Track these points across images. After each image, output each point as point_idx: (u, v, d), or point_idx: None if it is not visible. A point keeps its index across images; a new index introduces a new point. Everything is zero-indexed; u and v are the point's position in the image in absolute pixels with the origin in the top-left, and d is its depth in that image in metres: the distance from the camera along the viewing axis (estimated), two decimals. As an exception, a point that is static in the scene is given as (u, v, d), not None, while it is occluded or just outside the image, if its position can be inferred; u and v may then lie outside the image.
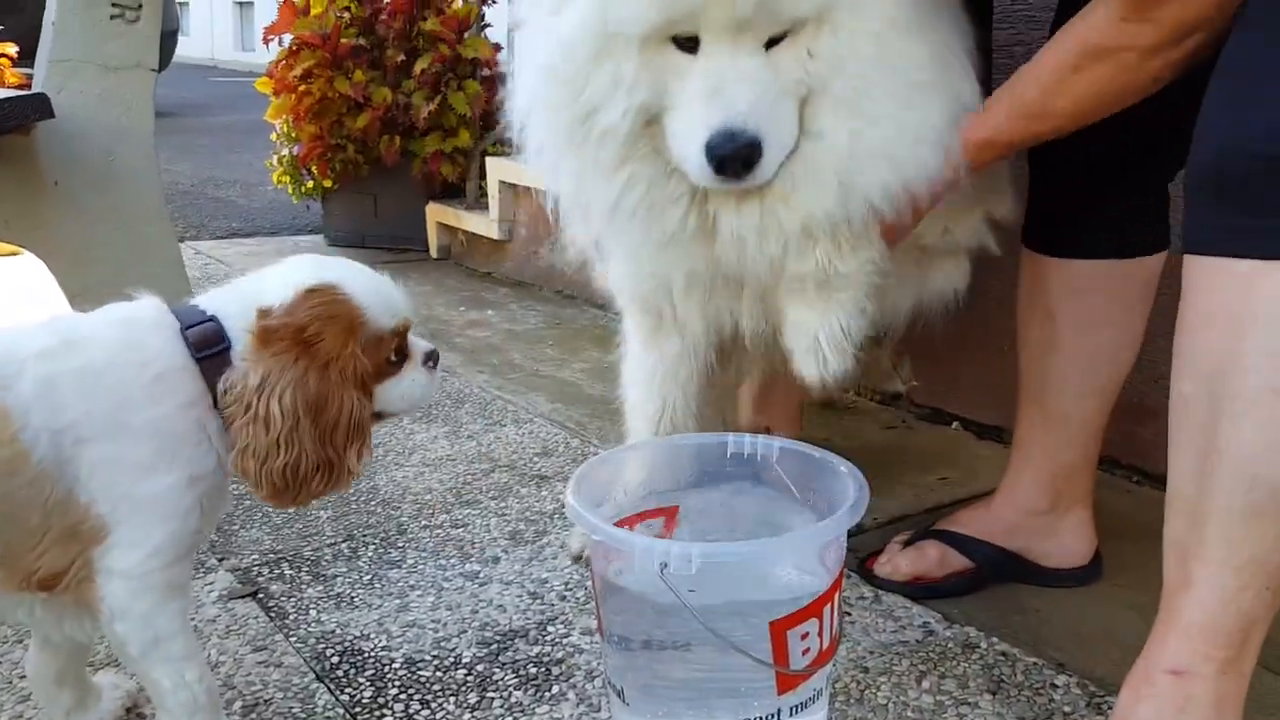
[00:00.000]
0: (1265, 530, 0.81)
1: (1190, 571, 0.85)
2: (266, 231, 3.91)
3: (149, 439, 0.85)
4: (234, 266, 3.20)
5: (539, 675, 1.11)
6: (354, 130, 3.15)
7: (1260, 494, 0.80)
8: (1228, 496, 0.82)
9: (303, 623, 1.21)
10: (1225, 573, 0.83)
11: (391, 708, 1.05)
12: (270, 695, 1.07)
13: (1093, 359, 1.24)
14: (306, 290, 0.88)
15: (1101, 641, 1.19)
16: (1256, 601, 0.83)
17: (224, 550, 1.37)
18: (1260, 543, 0.81)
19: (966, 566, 1.29)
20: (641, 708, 0.91)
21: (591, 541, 0.94)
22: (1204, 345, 0.84)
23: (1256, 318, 0.79)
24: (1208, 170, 0.83)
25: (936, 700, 1.08)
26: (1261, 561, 0.82)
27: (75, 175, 1.60)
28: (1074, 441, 1.27)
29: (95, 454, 0.83)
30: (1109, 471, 1.66)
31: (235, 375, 0.86)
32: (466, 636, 1.18)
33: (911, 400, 1.98)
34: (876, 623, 1.22)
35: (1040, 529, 1.30)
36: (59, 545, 0.84)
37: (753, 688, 0.87)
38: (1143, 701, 0.88)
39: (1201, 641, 0.85)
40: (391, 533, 1.43)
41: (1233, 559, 0.83)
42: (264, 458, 0.85)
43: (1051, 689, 1.10)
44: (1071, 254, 1.22)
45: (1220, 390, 0.82)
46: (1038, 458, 1.29)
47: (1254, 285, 0.79)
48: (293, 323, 0.86)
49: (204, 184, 4.99)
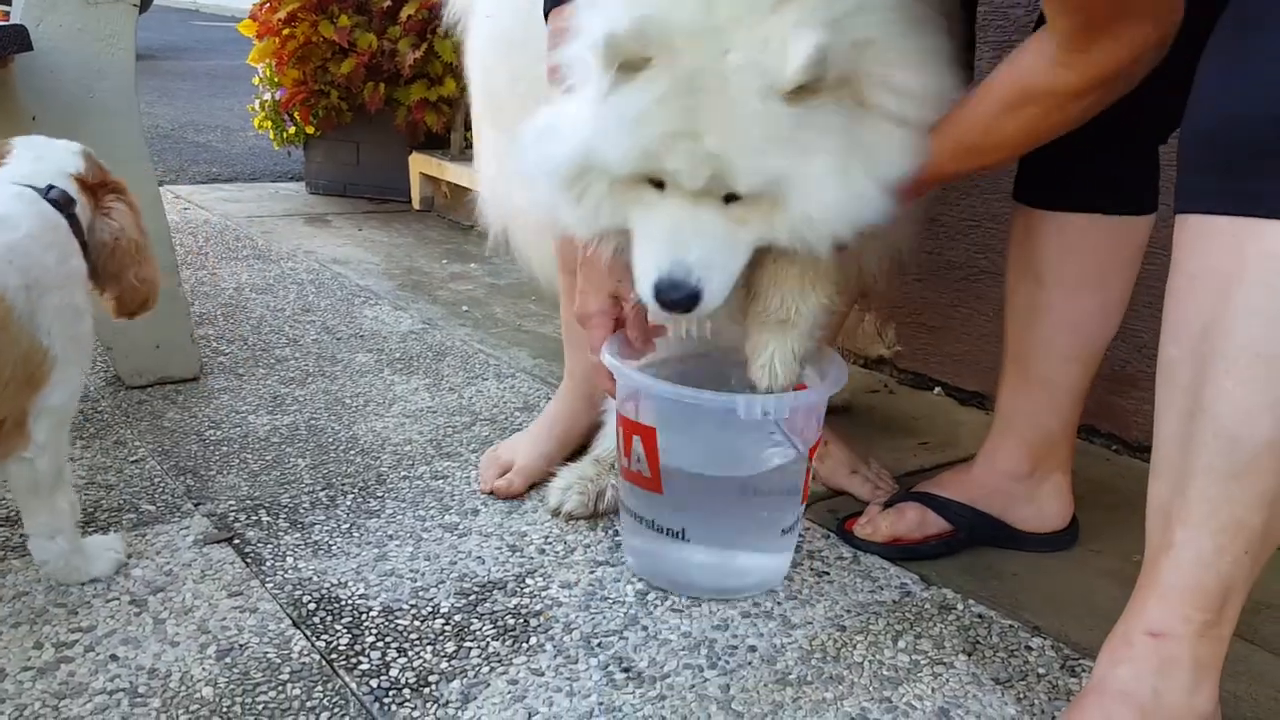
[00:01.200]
0: (1245, 492, 0.82)
1: (1172, 534, 0.86)
2: (246, 177, 3.85)
3: (79, 285, 1.10)
4: (213, 211, 3.16)
5: (517, 627, 1.11)
6: (338, 76, 3.10)
7: (1241, 455, 0.81)
8: (1209, 457, 0.83)
9: (279, 569, 1.20)
10: (1205, 535, 0.84)
11: (368, 655, 1.05)
12: (246, 640, 1.06)
13: (1078, 324, 1.24)
14: (84, 153, 1.15)
15: (1077, 606, 1.20)
16: (1235, 566, 0.84)
17: (200, 495, 1.36)
18: (1240, 504, 0.82)
19: (945, 529, 1.30)
20: (705, 537, 1.17)
21: (676, 408, 1.13)
22: (1191, 307, 0.84)
23: (1243, 278, 0.79)
24: (1202, 132, 0.83)
25: (912, 659, 1.09)
26: (1241, 524, 0.82)
27: (54, 110, 1.56)
28: (1056, 408, 1.28)
29: (52, 302, 1.03)
30: (1088, 440, 1.67)
31: (100, 223, 1.13)
32: (445, 587, 1.18)
33: (895, 365, 1.98)
34: (854, 583, 1.23)
35: (1019, 494, 1.31)
36: (14, 392, 1.01)
37: (790, 498, 1.19)
38: (1120, 663, 0.88)
39: (1180, 604, 0.86)
40: (370, 482, 1.43)
41: (1213, 521, 0.83)
42: (145, 279, 1.16)
43: (1026, 651, 1.11)
44: (1063, 206, 1.21)
45: (1205, 351, 0.82)
46: (1019, 424, 1.30)
47: (1242, 246, 0.79)
48: (108, 179, 1.16)
49: (184, 128, 4.91)
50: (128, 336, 1.69)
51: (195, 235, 2.84)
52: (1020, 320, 1.28)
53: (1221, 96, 0.81)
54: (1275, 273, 0.78)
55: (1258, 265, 0.78)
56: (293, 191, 3.58)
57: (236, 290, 2.33)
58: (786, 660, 1.07)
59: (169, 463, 1.45)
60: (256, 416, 1.63)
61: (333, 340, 2.02)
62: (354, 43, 3.05)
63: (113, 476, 1.40)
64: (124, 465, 1.44)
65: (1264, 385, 0.79)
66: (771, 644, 1.10)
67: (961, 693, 1.04)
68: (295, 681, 1.00)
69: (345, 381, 1.80)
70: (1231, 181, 0.80)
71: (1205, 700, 0.86)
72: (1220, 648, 0.87)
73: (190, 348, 1.76)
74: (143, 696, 0.97)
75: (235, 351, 1.92)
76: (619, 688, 1.02)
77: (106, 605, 1.11)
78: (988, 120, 1.02)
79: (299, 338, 2.02)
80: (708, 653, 1.08)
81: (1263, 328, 0.79)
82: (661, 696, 1.01)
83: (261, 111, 3.38)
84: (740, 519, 1.19)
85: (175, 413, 1.62)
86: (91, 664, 1.01)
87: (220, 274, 2.47)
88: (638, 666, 1.05)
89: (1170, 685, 0.86)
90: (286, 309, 2.21)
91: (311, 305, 2.25)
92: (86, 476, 1.39)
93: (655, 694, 1.01)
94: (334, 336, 2.04)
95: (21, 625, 1.07)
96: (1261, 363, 0.79)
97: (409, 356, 1.95)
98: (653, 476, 1.15)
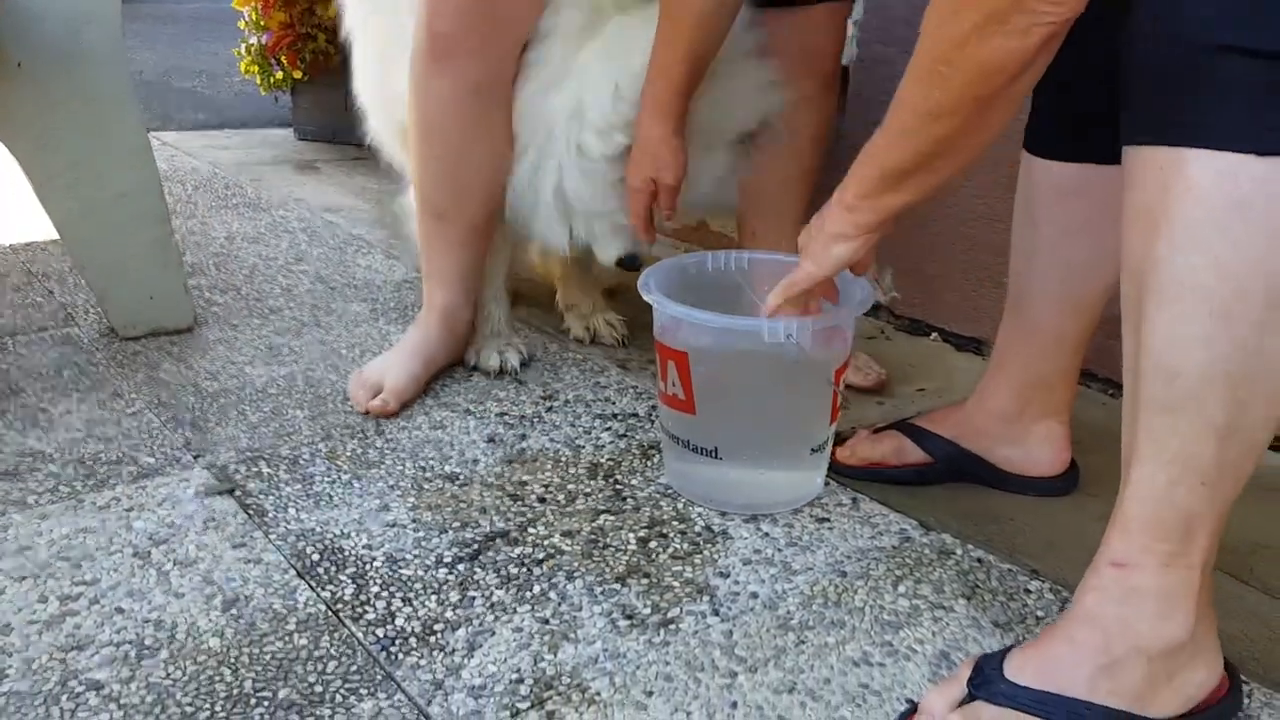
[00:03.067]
0: (1188, 424, 0.82)
1: (1129, 469, 0.87)
2: (234, 124, 3.80)
3: None
4: (201, 159, 3.12)
5: (521, 575, 1.12)
6: (325, 19, 3.04)
7: (1179, 388, 0.82)
8: (1150, 390, 0.84)
9: (282, 520, 1.20)
10: (1156, 468, 0.85)
11: (374, 605, 1.06)
12: (251, 591, 1.07)
13: (1069, 269, 1.24)
14: None
15: (1073, 549, 1.21)
16: (1192, 496, 0.84)
17: (199, 447, 1.36)
18: (1185, 436, 0.83)
19: (923, 460, 1.34)
20: (737, 455, 1.24)
21: (711, 333, 1.21)
22: (1130, 244, 0.85)
23: (1167, 213, 0.80)
24: (1133, 63, 0.83)
25: (912, 604, 1.10)
26: (1190, 455, 0.83)
27: (40, 57, 1.53)
28: (1048, 353, 1.28)
29: None
30: (1084, 384, 1.67)
31: None
32: (447, 537, 1.18)
33: (892, 311, 1.98)
34: (854, 529, 1.24)
35: (1007, 435, 1.32)
36: None
37: (818, 418, 1.26)
38: (1088, 592, 0.90)
39: (1140, 535, 0.87)
40: (370, 433, 1.42)
41: (1162, 454, 0.84)
42: None
43: (1025, 594, 1.13)
44: (1053, 155, 1.21)
45: (1142, 287, 0.83)
46: (1011, 366, 1.31)
47: (1167, 179, 0.80)
48: None
49: (168, 74, 4.84)
50: (121, 287, 1.68)
51: (184, 184, 2.81)
52: (1018, 263, 1.29)
53: (1148, 25, 0.81)
54: (1195, 204, 0.78)
55: (1180, 200, 0.79)
56: (281, 138, 3.54)
57: (228, 239, 2.31)
58: (788, 606, 1.08)
59: (166, 414, 1.45)
60: (253, 367, 1.62)
61: (327, 290, 2.01)
62: (341, -15, 2.99)
63: (110, 429, 1.40)
64: (121, 417, 1.43)
65: (1195, 319, 0.80)
66: (773, 590, 1.11)
67: (961, 636, 1.05)
68: (302, 632, 1.01)
69: (341, 331, 1.79)
70: (1160, 111, 0.81)
71: (1177, 628, 0.87)
72: (1191, 576, 0.87)
73: (184, 298, 1.74)
74: (150, 648, 0.98)
75: (229, 302, 1.91)
76: (623, 634, 1.03)
77: (110, 558, 1.11)
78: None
79: (292, 287, 2.01)
80: (710, 599, 1.09)
81: (1187, 262, 0.79)
82: (665, 642, 1.02)
83: (248, 56, 3.33)
84: (770, 438, 1.25)
85: (171, 364, 1.62)
86: (97, 616, 1.02)
87: (211, 223, 2.45)
88: (641, 613, 1.06)
89: (1136, 613, 0.87)
90: (279, 258, 2.19)
91: (304, 254, 2.23)
92: (84, 429, 1.39)
93: (660, 640, 1.02)
94: (328, 286, 2.03)
95: (25, 579, 1.07)
96: (1190, 296, 0.80)
97: (404, 306, 1.94)
98: (686, 399, 1.22)
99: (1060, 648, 0.89)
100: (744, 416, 1.24)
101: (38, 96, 1.56)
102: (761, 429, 1.25)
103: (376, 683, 0.95)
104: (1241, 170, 0.77)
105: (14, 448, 1.33)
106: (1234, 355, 0.79)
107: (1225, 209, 0.77)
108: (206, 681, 0.94)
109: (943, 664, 1.01)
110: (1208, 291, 0.79)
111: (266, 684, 0.94)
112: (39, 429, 1.39)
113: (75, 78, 1.58)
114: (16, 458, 1.31)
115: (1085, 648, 0.88)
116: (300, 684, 0.94)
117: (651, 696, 0.95)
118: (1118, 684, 0.87)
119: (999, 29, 0.85)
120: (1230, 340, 0.79)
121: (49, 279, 1.99)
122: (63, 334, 1.72)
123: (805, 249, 1.12)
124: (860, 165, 1.04)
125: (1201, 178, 0.78)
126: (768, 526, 1.23)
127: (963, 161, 0.99)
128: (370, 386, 1.49)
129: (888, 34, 1.89)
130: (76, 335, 1.71)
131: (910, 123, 0.97)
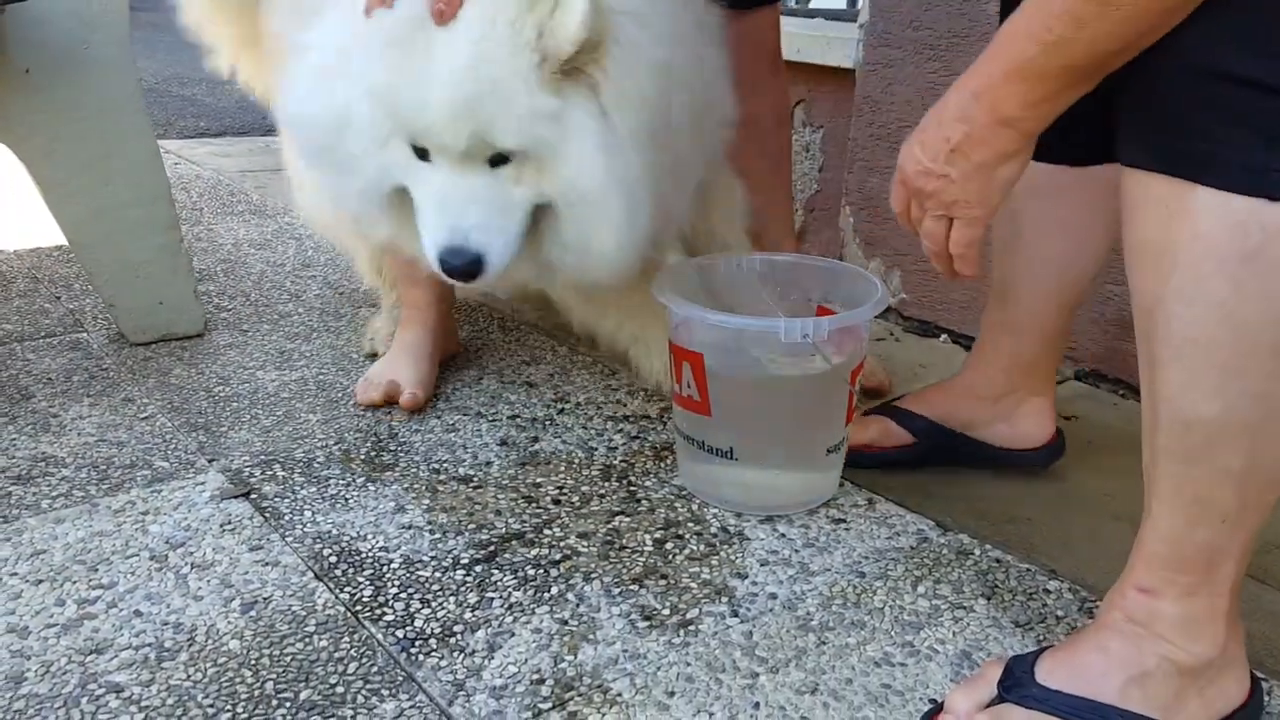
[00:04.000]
0: (1206, 472, 0.82)
1: (1149, 502, 0.87)
2: (235, 131, 3.81)
3: None
4: (205, 166, 3.12)
5: (538, 577, 1.11)
6: (328, 27, 3.04)
7: (1195, 439, 0.81)
8: (1165, 439, 0.83)
9: (298, 523, 1.20)
10: (1175, 510, 0.85)
11: (392, 606, 1.05)
12: (270, 594, 1.07)
13: (1053, 264, 1.26)
14: None
15: (1090, 549, 1.21)
16: (1213, 534, 0.84)
17: (213, 451, 1.36)
18: (1203, 483, 0.82)
19: (905, 440, 1.36)
20: (752, 456, 1.24)
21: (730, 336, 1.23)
22: (1138, 283, 0.83)
23: (1176, 261, 0.77)
24: (1142, 78, 0.80)
25: (932, 604, 1.10)
26: (1208, 499, 0.82)
27: (48, 63, 1.53)
28: (1031, 341, 1.31)
29: None
30: (1095, 385, 1.68)
31: None
32: (463, 538, 1.18)
33: (900, 313, 1.98)
34: (871, 529, 1.23)
35: (994, 414, 1.35)
36: None
37: (835, 419, 1.25)
38: (1116, 609, 0.90)
39: (1163, 569, 0.87)
40: (383, 436, 1.42)
41: (1178, 498, 0.84)
42: None
43: (1045, 594, 1.12)
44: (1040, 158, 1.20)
45: (1151, 331, 0.82)
46: (998, 352, 1.34)
47: (1173, 219, 0.77)
48: None
49: (169, 81, 4.84)
50: (130, 293, 1.68)
51: (189, 191, 2.81)
52: (1001, 254, 1.31)
53: (1158, 48, 0.77)
54: (1205, 255, 0.76)
55: (1188, 247, 0.76)
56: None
57: (235, 246, 2.31)
58: (807, 607, 1.08)
59: (179, 419, 1.44)
60: (264, 372, 1.62)
61: (335, 295, 2.00)
62: (344, -8, 2.99)
63: (123, 434, 1.39)
64: (134, 422, 1.43)
65: (1206, 372, 0.78)
66: (792, 591, 1.11)
67: (983, 636, 1.05)
68: (321, 633, 1.01)
69: (350, 336, 1.79)
70: (1163, 136, 0.78)
71: (1207, 646, 0.87)
72: (1217, 601, 0.86)
73: (194, 304, 1.74)
74: (170, 651, 0.97)
75: (238, 307, 1.91)
76: (642, 635, 1.02)
77: (126, 562, 1.11)
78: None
79: (301, 293, 2.01)
80: (728, 600, 1.09)
81: (1196, 316, 0.77)
82: (685, 643, 1.02)
83: (250, 64, 3.32)
84: (785, 438, 1.26)
85: (182, 369, 1.61)
86: (116, 620, 1.02)
87: (217, 230, 2.45)
88: (660, 614, 1.06)
89: (1163, 633, 0.87)
90: (287, 264, 2.19)
91: (311, 260, 2.23)
92: (96, 434, 1.39)
93: (679, 641, 1.02)
94: (336, 291, 2.03)
95: (42, 583, 1.07)
96: (1201, 351, 0.78)
97: (412, 310, 1.93)
98: (702, 400, 1.22)
99: (1092, 655, 0.89)
100: (760, 418, 1.24)
101: (46, 103, 1.56)
102: (778, 430, 1.25)
103: (398, 684, 0.94)
104: (1252, 219, 0.73)
105: (26, 452, 1.33)
106: (1248, 405, 0.78)
107: (1237, 261, 0.74)
108: (228, 683, 0.93)
109: (965, 664, 1.00)
110: (1218, 345, 0.77)
111: (288, 685, 0.94)
112: (50, 434, 1.38)
113: (83, 84, 1.58)
114: (29, 462, 1.31)
115: (1118, 657, 0.87)
116: (322, 685, 0.94)
117: (673, 697, 0.94)
118: (1148, 694, 0.86)
119: None
120: (1242, 391, 0.78)
121: (56, 285, 1.99)
122: (71, 339, 1.71)
123: (938, 193, 0.93)
124: (1021, 56, 0.82)
125: (1211, 226, 0.75)
126: (784, 528, 1.23)
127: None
128: (384, 386, 1.49)
129: (892, 37, 1.89)
130: (85, 341, 1.71)
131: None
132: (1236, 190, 0.74)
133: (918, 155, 0.93)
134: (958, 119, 0.88)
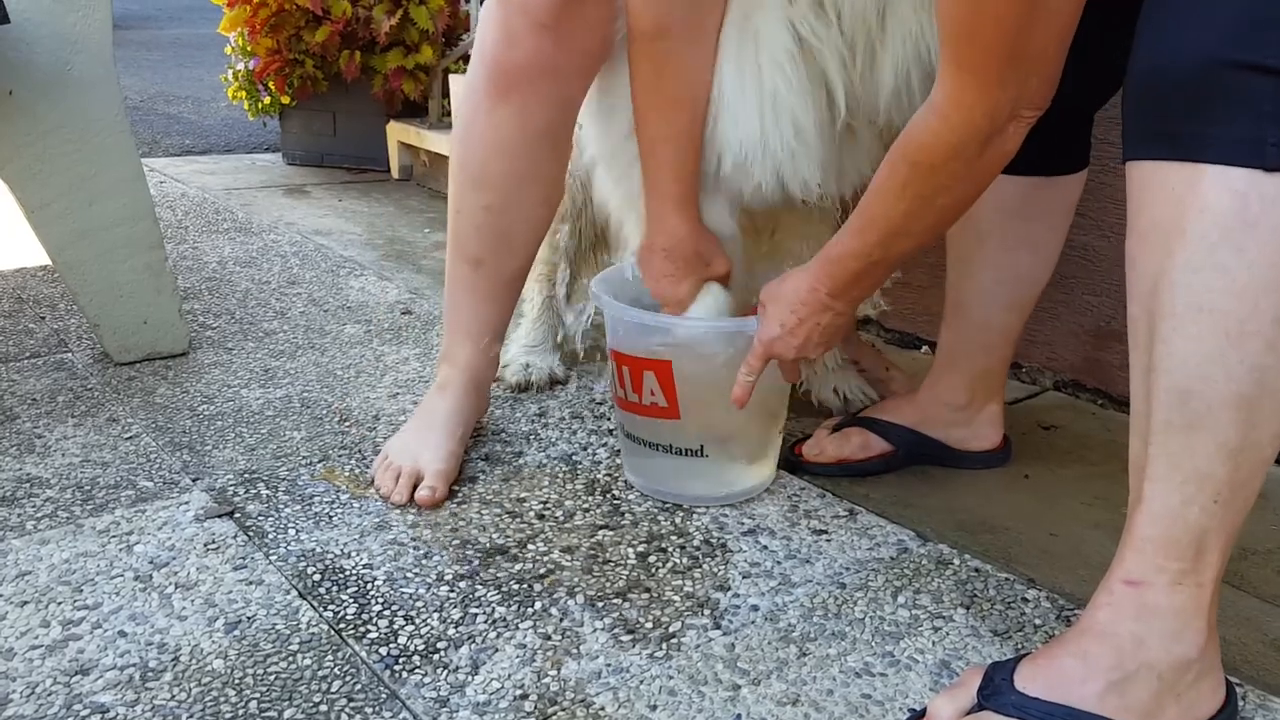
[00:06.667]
0: (1203, 444, 0.83)
1: (1142, 488, 0.88)
2: (221, 149, 3.81)
3: None
4: (190, 184, 3.13)
5: (521, 592, 1.12)
6: (312, 44, 3.06)
7: (1194, 409, 0.83)
8: (1165, 412, 0.85)
9: (282, 541, 1.20)
10: (1170, 488, 0.86)
11: (376, 623, 1.06)
12: (253, 613, 1.07)
13: (1014, 277, 1.34)
14: None
15: (1069, 558, 1.23)
16: (1205, 515, 0.85)
17: (197, 470, 1.36)
18: (1199, 456, 0.84)
19: (886, 449, 1.42)
20: (721, 451, 1.30)
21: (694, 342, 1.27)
22: (1141, 265, 0.86)
23: (1183, 233, 0.81)
24: (1140, 78, 0.84)
25: (912, 614, 1.11)
26: (1204, 475, 0.84)
27: (31, 83, 1.54)
28: (993, 349, 1.39)
29: None
30: (1074, 395, 1.69)
31: None
32: (447, 554, 1.19)
33: (881, 325, 2.00)
34: (852, 540, 1.25)
35: (957, 420, 1.43)
36: None
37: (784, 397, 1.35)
38: (1101, 608, 0.91)
39: (1153, 554, 0.88)
40: (367, 453, 1.43)
41: (1176, 474, 0.85)
42: None
43: (1023, 603, 1.14)
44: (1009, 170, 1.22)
45: (1154, 308, 0.84)
46: (959, 362, 1.42)
47: (1181, 198, 0.81)
48: None
49: (154, 100, 4.85)
50: (115, 312, 1.68)
51: (174, 209, 2.81)
52: (958, 271, 1.38)
53: (1156, 43, 0.83)
54: (1211, 226, 0.79)
55: (1195, 220, 0.80)
56: (269, 162, 3.55)
57: (220, 264, 2.32)
58: (789, 618, 1.09)
59: (164, 438, 1.45)
60: (249, 390, 1.62)
61: (320, 312, 2.01)
62: (328, 10, 3.01)
63: (107, 454, 1.40)
64: (118, 442, 1.43)
65: (1209, 339, 0.81)
66: (773, 602, 1.12)
67: (962, 645, 1.06)
68: (305, 652, 1.01)
69: (335, 353, 1.79)
70: (1169, 126, 0.82)
71: (1188, 646, 0.88)
72: (1201, 594, 0.88)
73: (178, 323, 1.75)
74: (154, 671, 0.98)
75: (223, 325, 1.91)
76: (625, 649, 1.03)
77: (111, 582, 1.11)
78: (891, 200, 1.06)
79: (286, 310, 2.01)
80: (711, 613, 1.10)
81: (1203, 283, 0.80)
82: (668, 657, 1.02)
83: (235, 82, 3.34)
84: (753, 427, 1.32)
85: (166, 388, 1.62)
86: (100, 640, 1.02)
87: (202, 248, 2.45)
88: (643, 628, 1.07)
89: (1149, 630, 0.88)
90: (272, 282, 2.20)
91: (297, 278, 2.24)
92: (81, 454, 1.39)
93: (662, 654, 1.03)
94: (321, 309, 2.03)
95: (27, 604, 1.07)
96: (1205, 317, 0.81)
97: (397, 327, 1.95)
98: (670, 405, 1.26)
99: (1071, 661, 0.90)
100: (731, 412, 1.26)
101: (29, 123, 1.57)
102: (747, 420, 1.29)
103: (381, 701, 0.95)
104: (1252, 190, 0.77)
105: (10, 473, 1.33)
106: (1247, 375, 0.80)
107: (1240, 230, 0.78)
108: (212, 703, 0.94)
109: (944, 673, 1.01)
110: (1223, 312, 0.80)
111: (271, 704, 0.94)
112: (35, 455, 1.38)
113: (67, 104, 1.58)
114: (13, 483, 1.31)
115: (1097, 662, 0.89)
116: (305, 704, 0.94)
117: (656, 710, 0.95)
118: (1127, 700, 0.87)
119: (999, 140, 0.98)
120: (1243, 360, 0.80)
121: (40, 305, 1.99)
122: (56, 360, 1.72)
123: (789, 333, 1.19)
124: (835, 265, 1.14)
125: (1216, 197, 0.79)
126: (766, 539, 1.24)
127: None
128: (406, 476, 1.31)
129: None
130: (70, 361, 1.71)
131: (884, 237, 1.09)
132: (1236, 163, 0.78)
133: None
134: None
